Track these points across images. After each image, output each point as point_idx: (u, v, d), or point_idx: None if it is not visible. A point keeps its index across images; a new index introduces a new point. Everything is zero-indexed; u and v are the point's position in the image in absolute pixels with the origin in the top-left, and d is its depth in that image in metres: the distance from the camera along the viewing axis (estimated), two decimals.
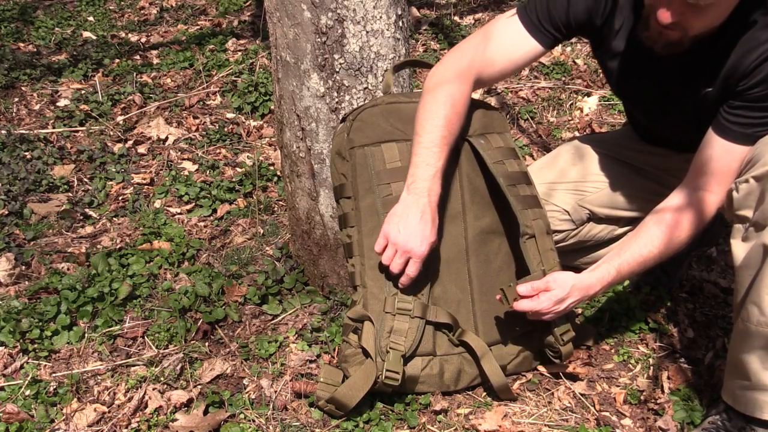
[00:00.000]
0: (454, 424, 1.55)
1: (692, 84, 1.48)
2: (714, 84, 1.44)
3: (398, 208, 1.47)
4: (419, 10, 4.24)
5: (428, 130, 1.48)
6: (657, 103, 1.60)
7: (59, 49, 3.85)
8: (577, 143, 1.86)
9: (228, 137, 2.90)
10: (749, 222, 1.34)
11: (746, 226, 1.35)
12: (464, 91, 1.54)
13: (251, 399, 1.63)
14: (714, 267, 2.12)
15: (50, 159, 2.69)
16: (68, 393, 1.63)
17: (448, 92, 1.51)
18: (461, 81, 1.54)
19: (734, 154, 1.42)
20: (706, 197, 1.46)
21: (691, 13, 1.29)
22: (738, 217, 1.38)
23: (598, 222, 1.83)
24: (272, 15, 1.65)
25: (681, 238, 1.47)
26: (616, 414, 1.60)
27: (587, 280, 1.48)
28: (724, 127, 1.43)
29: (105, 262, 2.02)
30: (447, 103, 1.50)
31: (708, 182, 1.46)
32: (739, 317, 1.35)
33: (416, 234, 1.43)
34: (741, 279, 1.35)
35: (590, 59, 3.49)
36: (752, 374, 1.34)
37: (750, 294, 1.31)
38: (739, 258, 1.35)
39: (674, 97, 1.55)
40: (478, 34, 1.60)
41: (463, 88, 1.53)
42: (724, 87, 1.43)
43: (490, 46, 1.57)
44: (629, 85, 1.64)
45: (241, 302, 1.94)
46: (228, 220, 2.35)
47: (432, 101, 1.51)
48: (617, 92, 1.75)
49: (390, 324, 1.51)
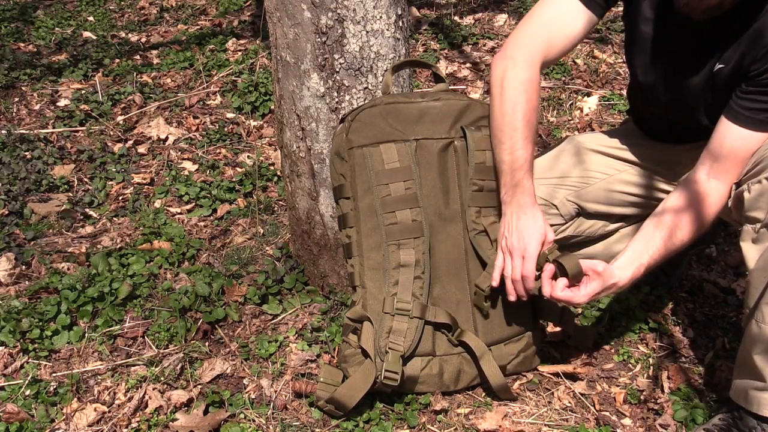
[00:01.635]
0: (454, 424, 1.55)
1: (709, 52, 1.46)
2: (729, 61, 1.43)
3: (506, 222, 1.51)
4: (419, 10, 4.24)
5: (508, 134, 1.49)
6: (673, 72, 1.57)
7: (59, 49, 3.85)
8: (577, 142, 1.86)
9: (228, 137, 2.90)
10: (761, 223, 1.33)
11: (757, 227, 1.34)
12: (534, 79, 1.52)
13: (251, 399, 1.63)
14: (714, 267, 2.12)
15: (50, 159, 2.69)
16: (68, 393, 1.63)
17: (521, 88, 1.50)
18: (530, 70, 1.52)
19: (745, 140, 1.41)
20: (716, 186, 1.46)
21: None
22: (748, 218, 1.37)
23: (589, 217, 1.82)
24: (272, 15, 1.65)
25: (693, 229, 1.47)
26: (616, 414, 1.60)
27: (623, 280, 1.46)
28: (735, 112, 1.42)
29: (105, 262, 2.02)
30: (522, 100, 1.49)
31: (718, 169, 1.45)
32: (752, 319, 1.35)
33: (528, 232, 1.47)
34: (755, 281, 1.34)
35: (590, 59, 3.49)
36: (766, 375, 1.34)
37: (765, 296, 1.31)
38: (751, 260, 1.35)
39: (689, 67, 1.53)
40: (529, 20, 1.58)
41: (533, 77, 1.52)
42: (737, 68, 1.42)
43: (547, 28, 1.55)
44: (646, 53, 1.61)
45: (241, 302, 1.94)
46: (228, 220, 2.35)
47: (507, 101, 1.50)
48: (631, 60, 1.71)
49: (389, 324, 1.51)
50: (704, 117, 1.52)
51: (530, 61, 1.52)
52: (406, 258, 1.55)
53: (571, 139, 1.88)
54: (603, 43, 3.67)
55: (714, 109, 1.49)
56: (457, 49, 3.68)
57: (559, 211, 1.77)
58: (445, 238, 1.59)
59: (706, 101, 1.52)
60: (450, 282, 1.59)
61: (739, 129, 1.42)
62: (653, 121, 1.78)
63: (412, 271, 1.55)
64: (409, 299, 1.53)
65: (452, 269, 1.59)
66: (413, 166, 1.57)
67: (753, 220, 1.36)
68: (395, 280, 1.54)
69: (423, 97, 1.62)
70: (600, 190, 1.78)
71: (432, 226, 1.58)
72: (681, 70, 1.55)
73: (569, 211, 1.77)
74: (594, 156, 1.82)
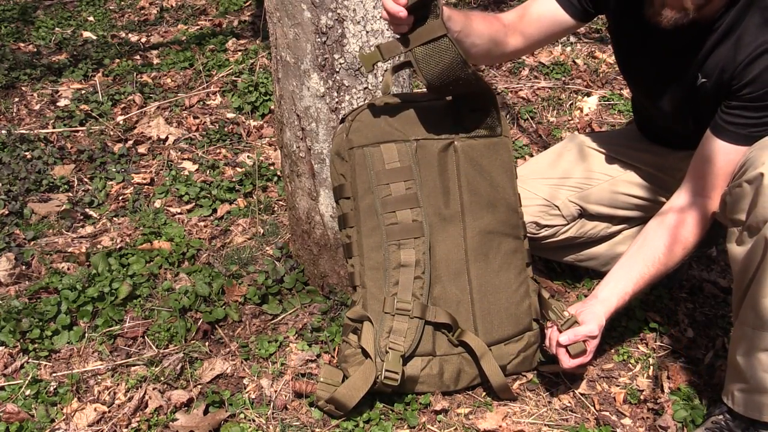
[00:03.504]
0: (454, 424, 1.55)
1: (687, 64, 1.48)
2: (710, 75, 1.44)
3: None
4: None
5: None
6: (656, 83, 1.59)
7: (59, 49, 3.85)
8: (579, 141, 1.86)
9: (228, 137, 2.90)
10: (743, 225, 1.34)
11: (740, 229, 1.35)
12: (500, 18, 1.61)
13: (251, 399, 1.63)
14: (714, 267, 2.12)
15: (50, 159, 2.69)
16: (68, 393, 1.63)
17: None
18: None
19: (731, 155, 1.42)
20: (704, 202, 1.47)
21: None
22: (732, 221, 1.38)
23: (591, 219, 1.82)
24: (272, 15, 1.65)
25: (685, 246, 1.49)
26: (616, 414, 1.60)
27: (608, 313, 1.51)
28: (720, 127, 1.43)
29: (105, 262, 2.02)
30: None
31: (705, 185, 1.46)
32: (737, 320, 1.36)
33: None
34: (738, 282, 1.36)
35: (590, 59, 3.49)
36: (751, 377, 1.34)
37: (747, 297, 1.32)
38: (736, 261, 1.36)
39: (670, 79, 1.55)
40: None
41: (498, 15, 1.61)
42: (719, 82, 1.43)
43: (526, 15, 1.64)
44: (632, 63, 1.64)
45: (241, 302, 1.94)
46: (228, 220, 2.35)
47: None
48: (622, 70, 1.76)
49: (389, 324, 1.51)
50: (693, 124, 1.53)
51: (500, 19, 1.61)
52: (406, 258, 1.55)
53: (573, 137, 1.88)
54: (603, 43, 3.67)
55: (702, 119, 1.50)
56: None
57: (561, 212, 1.77)
58: (445, 238, 1.59)
59: (693, 112, 1.53)
60: (450, 282, 1.59)
61: (724, 144, 1.43)
62: (653, 126, 1.79)
63: (413, 271, 1.55)
64: (409, 299, 1.53)
65: (452, 269, 1.59)
66: (413, 166, 1.57)
67: (736, 223, 1.36)
68: (395, 280, 1.54)
69: (423, 97, 1.62)
70: (603, 192, 1.78)
71: (432, 226, 1.58)
72: (665, 82, 1.57)
73: (571, 212, 1.78)
74: (597, 157, 1.82)
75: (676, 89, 1.54)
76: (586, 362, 1.51)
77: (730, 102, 1.41)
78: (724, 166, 1.43)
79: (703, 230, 1.49)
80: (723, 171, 1.43)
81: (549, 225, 1.79)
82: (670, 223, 1.50)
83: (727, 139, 1.42)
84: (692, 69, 1.47)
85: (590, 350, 1.50)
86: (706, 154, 1.45)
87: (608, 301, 1.50)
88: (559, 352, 1.51)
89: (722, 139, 1.42)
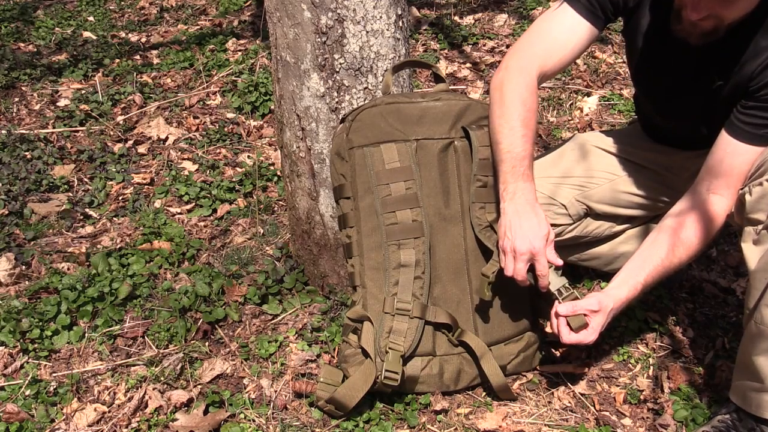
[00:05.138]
0: (454, 424, 1.55)
1: (708, 70, 1.47)
2: (728, 77, 1.44)
3: (506, 221, 1.48)
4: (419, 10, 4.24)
5: (506, 134, 1.49)
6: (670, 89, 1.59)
7: (59, 49, 3.85)
8: (582, 140, 1.86)
9: (228, 137, 2.90)
10: (762, 225, 1.34)
11: (758, 229, 1.35)
12: (530, 85, 1.52)
13: (251, 399, 1.63)
14: (714, 267, 2.12)
15: (50, 159, 2.69)
16: (68, 393, 1.63)
17: (517, 93, 1.51)
18: (527, 76, 1.53)
19: (745, 155, 1.42)
20: (717, 201, 1.47)
21: (720, 6, 1.29)
22: (749, 220, 1.38)
23: (596, 218, 1.82)
24: (272, 15, 1.65)
25: (695, 244, 1.48)
26: (616, 414, 1.60)
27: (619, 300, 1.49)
28: (736, 127, 1.43)
29: (105, 262, 2.02)
30: (518, 102, 1.50)
31: (719, 184, 1.46)
32: (752, 320, 1.35)
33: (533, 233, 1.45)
34: (755, 282, 1.35)
35: (590, 59, 3.49)
36: (765, 376, 1.34)
37: (764, 297, 1.31)
38: (752, 261, 1.35)
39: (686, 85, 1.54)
40: (529, 32, 1.60)
41: (529, 83, 1.52)
42: (736, 84, 1.43)
43: (545, 39, 1.57)
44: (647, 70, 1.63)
45: (241, 302, 1.94)
46: (228, 220, 2.35)
47: (505, 104, 1.51)
48: (634, 75, 1.74)
49: (389, 324, 1.51)
50: (706, 129, 1.53)
51: (526, 69, 1.54)
52: (406, 258, 1.55)
53: (576, 137, 1.88)
54: (603, 43, 3.67)
55: (715, 122, 1.49)
56: (457, 49, 3.68)
57: (567, 211, 1.77)
58: (445, 238, 1.59)
59: (706, 115, 1.53)
60: (450, 282, 1.59)
61: (739, 144, 1.43)
62: (659, 127, 1.78)
63: (413, 271, 1.55)
64: (409, 299, 1.53)
65: (452, 269, 1.59)
66: (414, 166, 1.57)
67: (754, 222, 1.36)
68: (395, 280, 1.54)
69: (423, 97, 1.62)
70: (607, 190, 1.78)
71: (432, 226, 1.58)
72: (681, 88, 1.56)
73: (578, 212, 1.78)
74: (599, 155, 1.82)
75: (693, 95, 1.54)
76: (587, 341, 1.48)
77: (747, 102, 1.41)
78: (739, 165, 1.43)
79: (718, 228, 1.49)
80: (738, 171, 1.43)
81: (554, 224, 1.78)
82: (686, 219, 1.49)
83: (743, 139, 1.42)
84: (712, 75, 1.47)
85: (593, 328, 1.48)
86: (721, 153, 1.45)
87: (618, 289, 1.50)
88: (559, 323, 1.49)
89: (738, 139, 1.42)
